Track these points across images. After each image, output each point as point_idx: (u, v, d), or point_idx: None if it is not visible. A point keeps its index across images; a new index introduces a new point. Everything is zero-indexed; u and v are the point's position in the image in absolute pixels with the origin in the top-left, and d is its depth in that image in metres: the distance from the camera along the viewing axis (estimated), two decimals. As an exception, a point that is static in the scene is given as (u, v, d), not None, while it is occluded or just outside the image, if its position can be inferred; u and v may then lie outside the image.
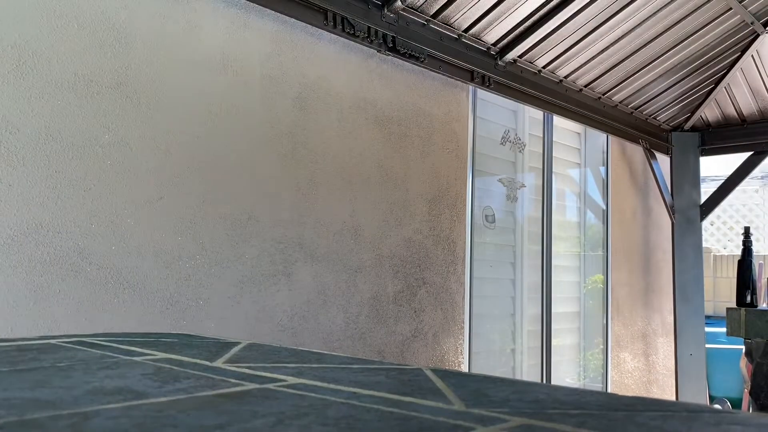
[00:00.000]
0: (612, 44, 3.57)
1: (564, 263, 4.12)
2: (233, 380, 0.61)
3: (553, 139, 3.97)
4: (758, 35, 3.93)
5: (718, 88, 4.37)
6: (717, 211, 5.60)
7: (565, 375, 4.09)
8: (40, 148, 1.80)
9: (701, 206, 4.69)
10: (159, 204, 2.04)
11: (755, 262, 3.26)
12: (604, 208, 4.38)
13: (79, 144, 1.87)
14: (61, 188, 1.83)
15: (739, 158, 4.74)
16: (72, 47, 1.87)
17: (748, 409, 3.01)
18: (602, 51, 3.60)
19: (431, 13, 2.89)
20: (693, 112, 4.65)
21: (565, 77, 3.69)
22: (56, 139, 1.83)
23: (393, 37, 2.73)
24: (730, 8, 3.60)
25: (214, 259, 2.17)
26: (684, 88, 4.35)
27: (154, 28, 2.06)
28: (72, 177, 1.85)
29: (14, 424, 0.43)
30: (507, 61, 3.27)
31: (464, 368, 3.15)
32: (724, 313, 3.01)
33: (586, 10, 3.18)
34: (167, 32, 2.09)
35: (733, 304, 3.11)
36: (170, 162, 2.08)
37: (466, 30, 3.05)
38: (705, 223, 4.89)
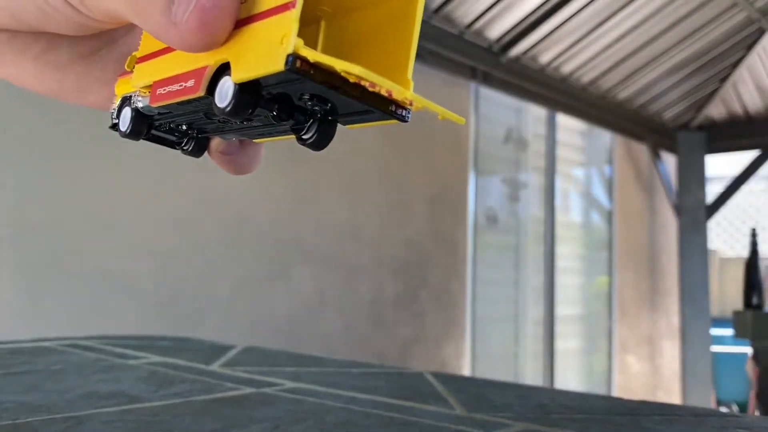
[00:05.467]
0: (616, 41, 3.53)
1: (568, 265, 4.08)
2: (230, 384, 0.60)
3: (557, 138, 3.93)
4: (765, 32, 3.89)
5: (725, 86, 4.33)
6: (723, 211, 5.56)
7: (569, 379, 4.05)
8: (37, 147, 1.78)
9: (707, 206, 4.64)
10: (156, 204, 2.02)
11: (762, 264, 3.22)
12: (609, 208, 4.34)
13: (77, 144, 1.85)
14: (57, 188, 1.81)
15: (743, 158, 4.71)
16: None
17: (755, 413, 2.96)
18: (606, 48, 3.56)
19: (432, 9, 2.85)
20: (699, 110, 4.61)
21: (569, 74, 3.66)
22: (54, 138, 1.80)
23: (393, 34, 2.70)
24: (736, 4, 3.56)
25: (211, 261, 2.14)
26: (690, 86, 4.31)
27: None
28: (69, 177, 1.83)
29: (7, 429, 0.42)
30: (509, 57, 3.23)
31: (466, 372, 3.12)
32: (730, 315, 2.98)
33: (591, 5, 3.14)
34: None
35: (740, 307, 3.08)
36: (169, 162, 2.05)
37: (468, 26, 3.02)
38: (711, 224, 4.84)
